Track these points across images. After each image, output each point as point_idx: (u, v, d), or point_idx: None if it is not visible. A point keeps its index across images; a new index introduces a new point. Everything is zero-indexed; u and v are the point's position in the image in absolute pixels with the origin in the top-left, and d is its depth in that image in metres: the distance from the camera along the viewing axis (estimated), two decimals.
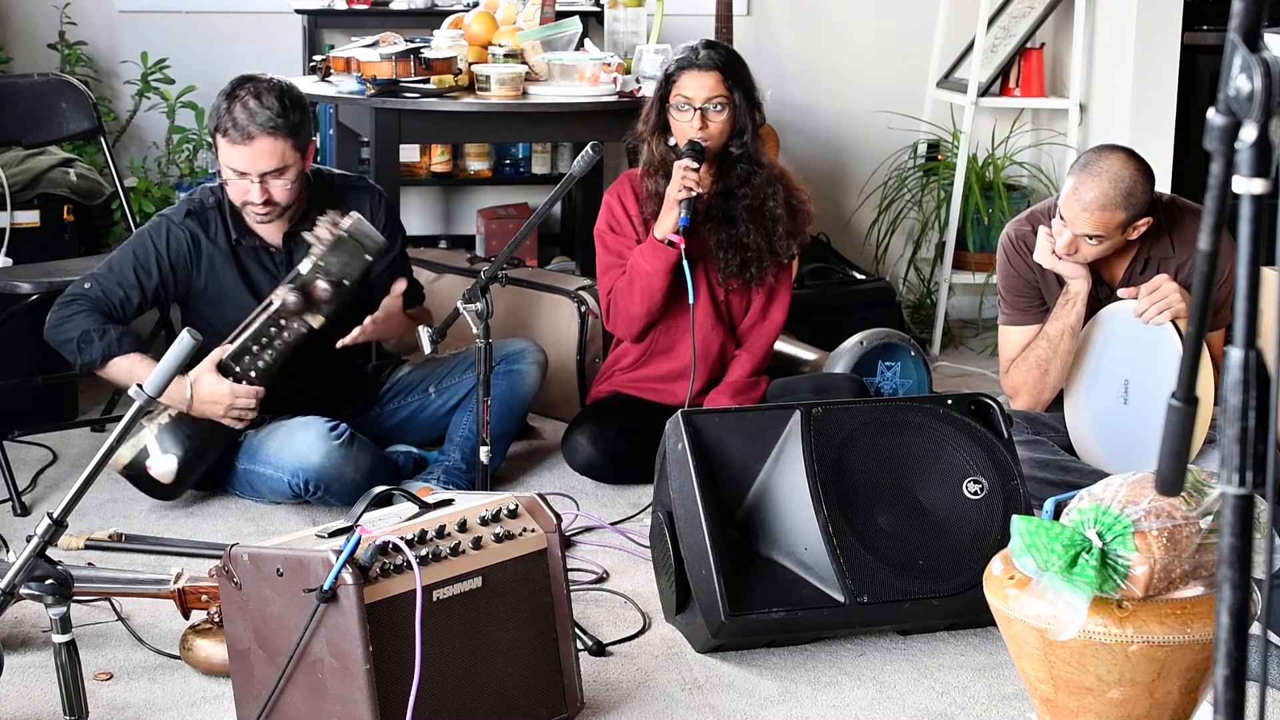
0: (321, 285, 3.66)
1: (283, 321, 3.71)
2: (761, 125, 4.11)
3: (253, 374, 3.74)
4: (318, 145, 5.08)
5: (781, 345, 4.52)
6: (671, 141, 4.05)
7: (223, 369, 3.72)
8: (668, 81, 4.04)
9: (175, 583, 3.03)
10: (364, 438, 3.92)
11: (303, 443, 3.76)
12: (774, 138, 5.37)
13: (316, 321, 3.71)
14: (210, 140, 5.31)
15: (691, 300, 3.98)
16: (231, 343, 3.73)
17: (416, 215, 5.72)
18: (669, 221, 3.97)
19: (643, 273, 4.03)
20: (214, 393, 3.72)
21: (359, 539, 2.51)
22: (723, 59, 4.04)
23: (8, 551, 3.33)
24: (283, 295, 3.68)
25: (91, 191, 4.82)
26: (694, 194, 3.95)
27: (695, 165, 3.95)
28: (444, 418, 4.10)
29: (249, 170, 3.70)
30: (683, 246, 3.94)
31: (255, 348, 3.73)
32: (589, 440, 4.12)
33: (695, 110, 3.99)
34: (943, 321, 5.57)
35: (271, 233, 3.86)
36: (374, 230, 3.71)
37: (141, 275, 3.82)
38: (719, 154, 4.07)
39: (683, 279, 3.96)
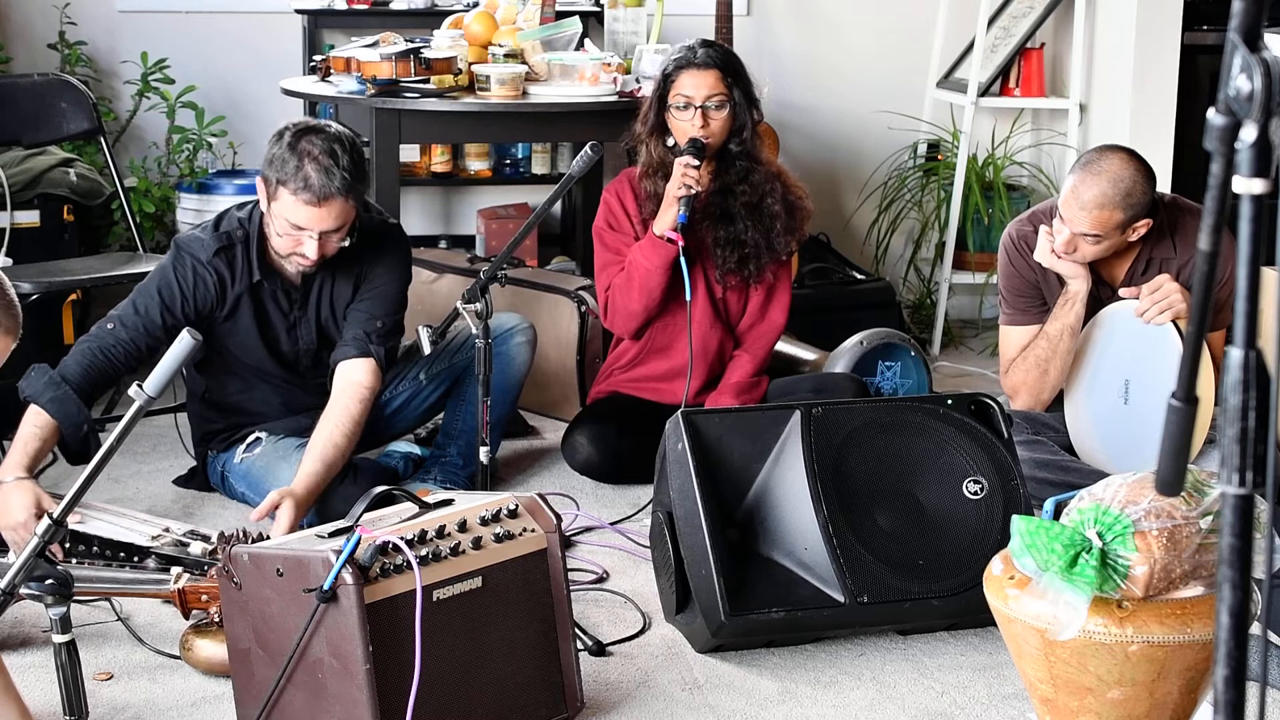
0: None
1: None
2: (759, 122, 4.12)
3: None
4: None
5: (781, 345, 4.52)
6: (670, 142, 4.05)
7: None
8: (666, 82, 4.04)
9: (175, 583, 3.03)
10: (361, 460, 3.88)
11: (290, 478, 3.62)
12: (772, 136, 5.37)
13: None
14: (207, 141, 5.36)
15: (689, 298, 3.98)
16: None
17: (416, 215, 5.72)
18: (668, 218, 3.98)
19: (641, 269, 4.03)
20: (15, 503, 3.36)
21: (359, 539, 2.51)
22: (720, 57, 4.05)
23: (8, 552, 3.33)
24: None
25: (91, 191, 4.82)
26: (693, 191, 3.95)
27: (696, 163, 3.95)
28: (438, 403, 4.07)
29: (313, 228, 3.56)
30: (681, 243, 3.95)
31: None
32: (589, 440, 4.12)
33: (696, 109, 3.99)
34: (943, 321, 5.57)
35: (295, 272, 3.77)
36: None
37: (166, 317, 3.68)
38: (718, 151, 4.07)
39: (681, 276, 3.96)
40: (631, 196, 4.15)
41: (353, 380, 3.72)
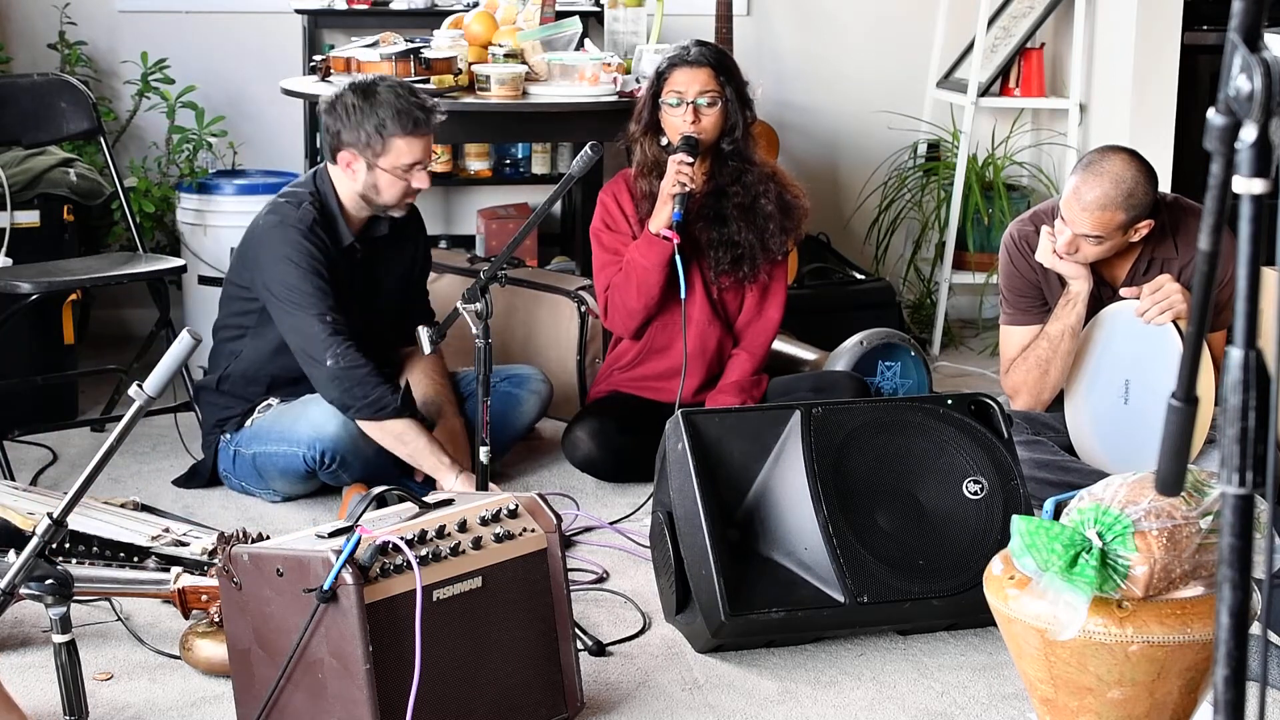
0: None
1: None
2: (753, 123, 4.13)
3: None
4: None
5: (781, 345, 4.52)
6: (664, 141, 4.06)
7: None
8: (659, 79, 4.06)
9: (175, 583, 3.03)
10: None
11: (319, 414, 3.80)
12: (770, 137, 5.37)
13: None
14: (207, 141, 5.35)
15: (684, 296, 3.99)
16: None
17: None
18: (663, 216, 3.99)
19: (639, 267, 4.04)
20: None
21: (359, 539, 2.51)
22: (714, 56, 4.07)
23: (8, 552, 3.33)
24: None
25: (91, 191, 4.82)
26: (687, 189, 3.95)
27: (689, 160, 3.96)
28: None
29: (425, 159, 3.79)
30: (677, 241, 3.95)
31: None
32: (589, 436, 4.12)
33: (688, 104, 4.00)
34: (943, 321, 5.57)
35: (358, 232, 3.92)
36: None
37: (324, 284, 3.79)
38: (711, 151, 4.08)
39: (678, 274, 3.97)
40: (628, 196, 4.15)
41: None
